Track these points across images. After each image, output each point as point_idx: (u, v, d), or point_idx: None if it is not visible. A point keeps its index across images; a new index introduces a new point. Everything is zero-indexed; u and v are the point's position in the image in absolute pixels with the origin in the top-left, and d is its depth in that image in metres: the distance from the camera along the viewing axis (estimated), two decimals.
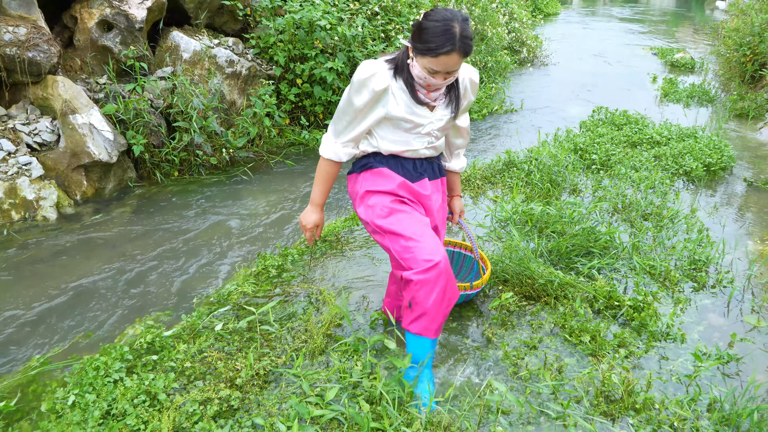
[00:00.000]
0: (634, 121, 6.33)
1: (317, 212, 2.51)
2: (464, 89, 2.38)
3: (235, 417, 2.35)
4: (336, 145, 2.37)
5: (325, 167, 2.41)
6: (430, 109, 2.32)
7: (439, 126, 2.37)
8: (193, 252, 3.87)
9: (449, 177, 2.75)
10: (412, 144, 2.37)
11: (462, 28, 2.05)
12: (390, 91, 2.23)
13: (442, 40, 2.02)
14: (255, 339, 2.86)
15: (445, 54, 2.04)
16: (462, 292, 2.95)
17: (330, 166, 2.41)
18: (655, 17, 18.51)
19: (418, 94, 2.25)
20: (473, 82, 2.39)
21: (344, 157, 2.39)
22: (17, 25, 4.48)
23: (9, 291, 3.41)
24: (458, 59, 2.08)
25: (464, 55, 2.08)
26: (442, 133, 2.44)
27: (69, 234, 4.08)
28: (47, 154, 4.50)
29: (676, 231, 4.02)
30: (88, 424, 2.22)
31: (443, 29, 2.03)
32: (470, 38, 2.09)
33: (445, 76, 2.14)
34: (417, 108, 2.28)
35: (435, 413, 2.33)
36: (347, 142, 2.36)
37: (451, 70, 2.12)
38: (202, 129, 5.03)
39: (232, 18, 6.17)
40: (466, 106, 2.45)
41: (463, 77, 2.36)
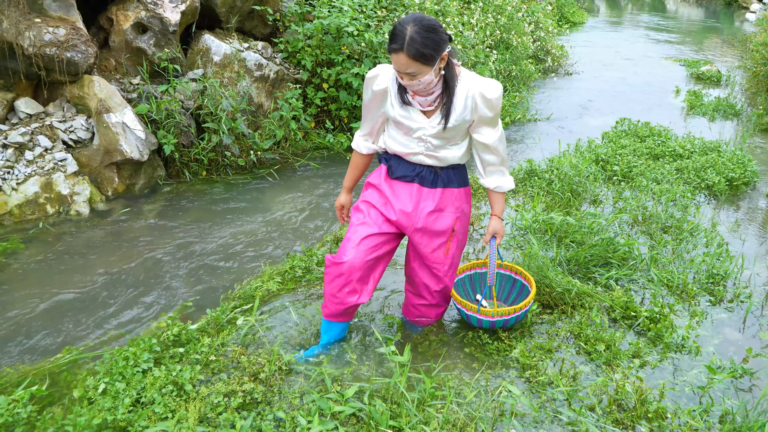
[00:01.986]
0: (657, 133, 6.33)
1: (344, 195, 2.89)
2: (473, 103, 2.40)
3: (257, 409, 2.44)
4: (358, 137, 2.75)
5: (352, 156, 2.81)
6: (427, 116, 2.45)
7: (432, 133, 2.46)
8: (218, 249, 3.98)
9: (488, 194, 2.77)
10: (411, 147, 2.54)
11: (415, 31, 2.17)
12: (389, 93, 2.47)
13: (392, 38, 2.20)
14: (269, 338, 2.96)
15: (394, 53, 2.21)
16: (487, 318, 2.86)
17: (354, 155, 2.80)
18: (683, 28, 18.38)
19: (406, 95, 2.42)
20: (485, 97, 2.38)
21: (363, 149, 2.73)
22: (57, 26, 4.65)
23: (42, 282, 3.55)
24: (407, 60, 2.20)
25: (412, 57, 2.18)
26: (441, 141, 2.50)
27: (100, 229, 4.22)
28: (81, 151, 4.65)
29: (695, 244, 4.04)
30: (119, 411, 2.32)
31: (396, 30, 2.20)
32: (418, 42, 2.16)
33: (408, 77, 2.26)
34: (411, 112, 2.45)
35: (451, 411, 2.41)
36: (365, 135, 2.72)
37: (404, 70, 2.24)
38: (230, 130, 5.15)
39: (262, 22, 6.30)
40: (482, 121, 2.46)
41: (471, 90, 2.38)
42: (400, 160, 2.63)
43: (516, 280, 3.19)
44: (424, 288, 2.85)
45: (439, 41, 2.22)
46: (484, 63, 7.43)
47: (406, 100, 2.44)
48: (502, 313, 2.84)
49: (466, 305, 2.86)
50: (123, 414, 2.32)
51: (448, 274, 2.82)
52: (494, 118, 2.45)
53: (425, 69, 2.24)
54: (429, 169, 2.60)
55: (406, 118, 2.47)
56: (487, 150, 2.56)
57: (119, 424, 2.29)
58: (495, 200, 2.74)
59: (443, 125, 2.42)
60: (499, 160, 2.60)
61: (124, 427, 2.30)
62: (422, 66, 2.22)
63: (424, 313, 2.98)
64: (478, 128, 2.49)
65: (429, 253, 2.73)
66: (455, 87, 2.39)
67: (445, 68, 2.34)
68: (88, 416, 2.30)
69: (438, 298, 2.91)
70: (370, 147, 2.74)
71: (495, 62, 8.10)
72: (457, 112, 2.41)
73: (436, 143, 2.50)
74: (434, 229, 2.67)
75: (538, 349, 2.92)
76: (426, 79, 2.27)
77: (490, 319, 2.85)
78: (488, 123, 2.47)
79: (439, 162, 2.57)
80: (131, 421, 2.31)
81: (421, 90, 2.34)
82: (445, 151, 2.54)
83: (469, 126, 2.49)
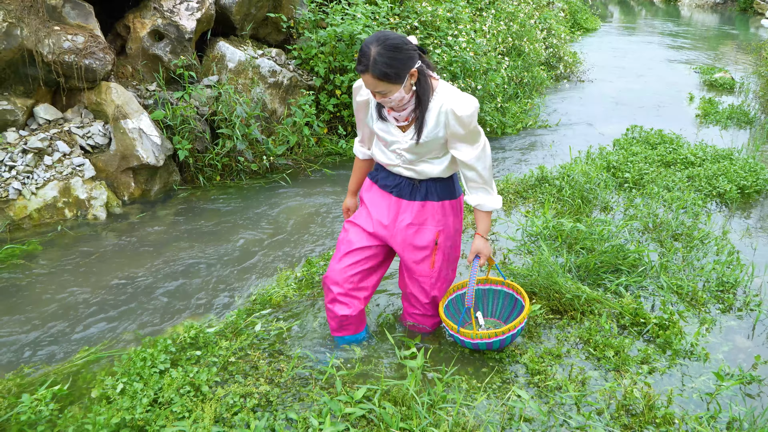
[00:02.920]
0: (668, 140, 6.34)
1: (349, 198, 3.01)
2: (445, 119, 2.38)
3: (271, 410, 2.49)
4: (356, 142, 2.86)
5: (354, 160, 2.92)
6: (403, 130, 2.48)
7: (405, 147, 2.48)
8: (234, 253, 4.04)
9: (474, 211, 2.71)
10: (390, 159, 2.58)
11: (378, 51, 2.18)
12: (370, 105, 2.54)
13: (358, 59, 2.24)
14: (288, 342, 3.01)
15: (361, 74, 2.25)
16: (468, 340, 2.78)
17: (355, 160, 2.91)
18: (697, 34, 18.32)
19: (383, 110, 2.48)
20: (455, 114, 2.34)
21: (359, 155, 2.85)
22: (75, 33, 4.75)
23: (60, 284, 3.62)
24: (373, 80, 2.23)
25: (377, 77, 2.21)
26: (415, 156, 2.50)
27: (117, 232, 4.30)
28: (99, 157, 4.74)
29: (706, 252, 4.06)
30: (137, 410, 2.39)
31: (361, 51, 2.23)
32: (380, 63, 2.18)
33: (379, 95, 2.30)
34: (388, 126, 2.49)
35: (461, 415, 2.45)
36: (360, 142, 2.83)
37: (373, 90, 2.28)
38: (244, 136, 5.23)
39: (276, 29, 6.38)
40: (456, 138, 2.42)
41: (444, 106, 2.36)
42: (386, 171, 2.70)
43: (517, 300, 3.06)
44: (413, 298, 2.88)
45: (404, 59, 2.22)
46: (495, 70, 7.47)
47: (383, 115, 2.49)
48: (482, 335, 2.74)
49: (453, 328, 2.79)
50: (141, 413, 2.38)
51: (436, 287, 2.82)
52: (469, 135, 2.41)
53: (393, 87, 2.25)
54: (408, 181, 2.62)
55: (384, 131, 2.52)
56: (465, 167, 2.52)
57: (137, 423, 2.35)
58: (478, 219, 2.67)
59: (415, 140, 2.43)
60: (479, 177, 2.53)
61: (142, 426, 2.36)
62: (389, 85, 2.24)
63: (419, 321, 3.00)
64: (454, 145, 2.46)
65: (414, 266, 2.74)
66: (428, 102, 2.37)
67: (417, 83, 2.34)
68: (107, 415, 2.36)
69: (429, 309, 2.93)
70: (365, 153, 2.84)
71: (507, 69, 8.14)
72: (429, 128, 2.40)
73: (410, 157, 2.51)
74: (415, 243, 2.67)
75: (547, 354, 2.95)
76: (396, 97, 2.29)
77: (471, 341, 2.77)
78: (463, 140, 2.43)
79: (417, 175, 2.57)
80: (149, 420, 2.37)
81: (395, 106, 2.37)
82: (423, 165, 2.54)
83: (445, 141, 2.47)
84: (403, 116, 2.42)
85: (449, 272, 2.87)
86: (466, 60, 6.60)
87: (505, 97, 7.89)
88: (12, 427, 2.39)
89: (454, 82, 6.55)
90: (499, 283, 3.10)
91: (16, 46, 4.40)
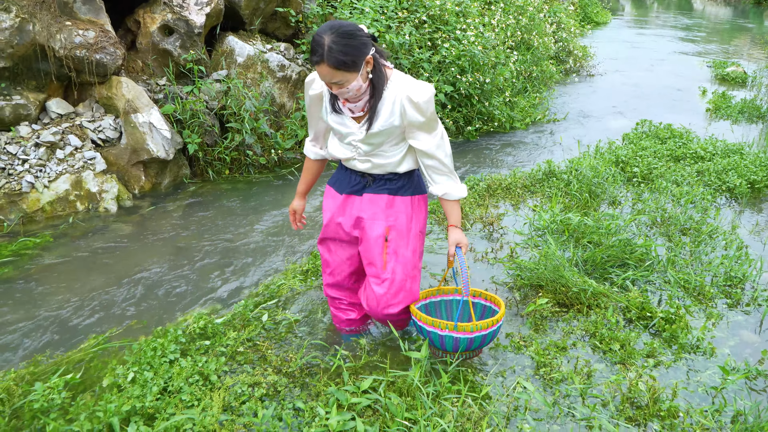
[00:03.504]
0: (678, 135, 6.32)
1: (296, 200, 2.87)
2: (401, 107, 2.32)
3: (278, 399, 2.53)
4: (307, 142, 2.75)
5: (305, 161, 2.82)
6: (357, 121, 2.41)
7: (360, 138, 2.41)
8: (242, 245, 4.08)
9: (441, 203, 2.61)
10: (345, 152, 2.52)
11: (332, 40, 2.09)
12: (324, 99, 2.45)
13: (312, 50, 2.14)
14: (296, 333, 3.05)
15: (316, 65, 2.15)
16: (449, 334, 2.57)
17: (306, 161, 2.80)
18: (710, 27, 18.17)
19: (338, 102, 2.40)
20: (411, 100, 2.28)
21: (311, 154, 2.75)
22: (87, 28, 4.79)
23: (72, 275, 3.68)
24: (329, 70, 2.13)
25: (334, 66, 2.12)
26: (370, 147, 2.43)
27: (128, 225, 4.36)
28: (110, 150, 4.79)
29: (714, 247, 4.05)
30: (147, 399, 2.42)
31: (314, 41, 2.14)
32: (336, 51, 2.09)
33: (336, 86, 2.21)
34: (343, 118, 2.42)
35: (466, 406, 2.47)
36: (312, 141, 2.72)
37: (330, 80, 2.18)
38: (253, 130, 5.27)
39: (285, 24, 6.41)
40: (414, 126, 2.36)
41: (399, 94, 2.31)
42: (343, 172, 2.63)
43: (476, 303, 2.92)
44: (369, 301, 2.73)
45: (359, 45, 2.15)
46: (504, 64, 7.46)
47: (337, 108, 2.40)
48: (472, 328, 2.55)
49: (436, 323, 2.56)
50: (151, 402, 2.42)
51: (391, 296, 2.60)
52: (428, 123, 2.35)
53: (350, 76, 2.18)
54: (359, 176, 2.57)
55: (339, 124, 2.44)
56: (426, 156, 2.44)
57: (147, 411, 2.39)
58: (448, 209, 2.57)
59: (366, 129, 2.37)
60: (441, 165, 2.46)
61: (152, 414, 2.40)
62: (346, 74, 2.16)
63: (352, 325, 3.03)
64: (412, 134, 2.40)
65: (366, 262, 2.63)
66: (383, 90, 2.31)
67: (373, 71, 2.27)
68: (118, 403, 2.40)
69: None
70: (318, 152, 2.72)
71: (515, 63, 8.13)
72: (383, 117, 2.34)
73: (365, 149, 2.44)
74: (365, 236, 2.59)
75: (552, 347, 2.97)
76: (354, 86, 2.21)
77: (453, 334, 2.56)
78: (421, 128, 2.37)
79: (373, 167, 2.50)
80: (159, 408, 2.41)
81: (352, 96, 2.28)
82: (378, 158, 2.47)
83: (401, 131, 2.41)
84: (359, 107, 2.34)
85: (408, 282, 2.60)
86: (474, 54, 6.59)
87: (514, 92, 7.88)
88: (26, 414, 2.44)
89: (463, 75, 6.55)
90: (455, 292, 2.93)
91: (29, 41, 4.45)
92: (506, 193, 4.97)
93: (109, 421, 2.31)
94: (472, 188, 5.01)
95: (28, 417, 2.43)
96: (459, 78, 6.51)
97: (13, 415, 2.45)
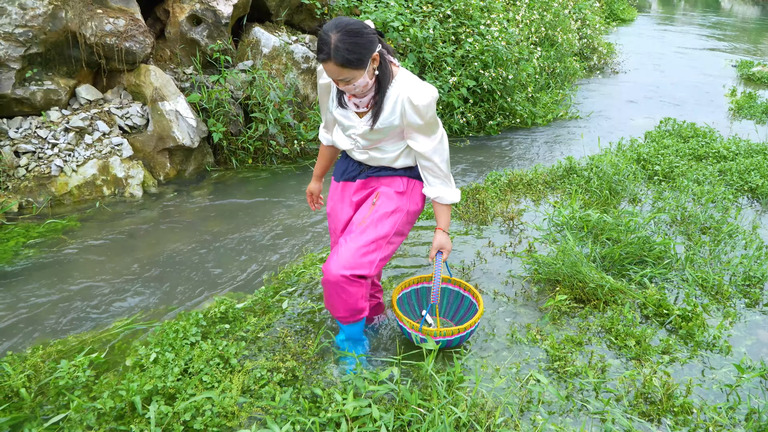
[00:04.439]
0: (701, 134, 6.27)
1: (313, 182, 2.93)
2: (401, 108, 2.32)
3: (297, 385, 2.59)
4: (321, 128, 2.79)
5: (320, 145, 2.84)
6: (360, 116, 2.43)
7: (360, 133, 2.44)
8: (263, 233, 4.15)
9: (433, 206, 2.61)
10: (346, 143, 2.56)
11: (338, 38, 2.10)
12: (331, 90, 2.49)
13: (318, 48, 2.16)
14: (316, 321, 3.10)
15: (323, 62, 2.16)
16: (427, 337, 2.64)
17: (321, 145, 2.83)
18: (737, 26, 17.88)
19: (343, 96, 2.43)
20: (412, 103, 2.28)
21: (324, 140, 2.79)
22: (117, 17, 4.88)
23: (99, 258, 3.77)
24: (336, 68, 2.15)
25: (340, 64, 2.13)
26: (368, 142, 2.46)
27: (152, 210, 4.45)
28: (136, 137, 4.89)
29: (734, 246, 4.03)
30: (168, 379, 2.50)
31: (320, 39, 2.14)
32: (342, 49, 2.11)
33: (343, 83, 2.22)
34: (346, 111, 2.45)
35: (480, 395, 2.51)
36: (323, 128, 2.77)
37: (337, 78, 2.19)
38: (276, 120, 5.33)
39: (310, 16, 6.45)
40: (412, 128, 2.37)
41: (401, 95, 2.31)
42: (343, 160, 2.69)
43: (464, 296, 3.04)
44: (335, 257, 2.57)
45: (366, 44, 2.16)
46: (527, 59, 7.44)
47: (343, 103, 2.44)
48: (445, 333, 2.67)
49: (407, 323, 2.68)
50: (172, 382, 2.50)
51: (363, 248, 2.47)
52: (426, 126, 2.35)
53: (357, 73, 2.19)
54: (356, 164, 2.61)
55: (342, 116, 2.47)
56: (422, 158, 2.45)
57: (168, 391, 2.47)
58: (438, 212, 2.57)
59: (370, 126, 2.38)
60: (437, 169, 2.47)
61: (173, 393, 2.47)
62: (353, 71, 2.17)
63: None
64: (410, 135, 2.41)
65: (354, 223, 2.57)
66: (387, 88, 2.33)
67: (379, 68, 2.28)
68: (140, 382, 2.48)
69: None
70: (328, 139, 2.75)
71: (539, 59, 8.10)
72: (385, 115, 2.35)
73: (363, 143, 2.48)
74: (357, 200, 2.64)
75: (568, 341, 2.99)
76: (360, 83, 2.23)
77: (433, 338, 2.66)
78: (420, 131, 2.37)
79: (370, 160, 2.53)
80: (179, 388, 2.48)
81: (359, 92, 2.30)
82: (375, 152, 2.50)
83: (400, 131, 2.42)
84: (364, 102, 2.37)
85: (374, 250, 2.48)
86: (497, 49, 6.59)
87: (537, 88, 7.86)
88: (51, 390, 2.53)
89: (486, 70, 6.55)
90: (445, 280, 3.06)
91: (61, 28, 4.55)
92: (527, 188, 4.99)
93: (132, 400, 2.39)
94: (494, 183, 5.03)
95: (53, 393, 2.52)
96: (482, 73, 6.52)
97: (39, 391, 2.55)
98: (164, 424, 2.29)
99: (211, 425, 2.32)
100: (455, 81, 6.27)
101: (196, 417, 2.33)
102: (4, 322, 3.11)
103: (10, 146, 4.38)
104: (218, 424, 2.34)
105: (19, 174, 4.34)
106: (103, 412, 2.37)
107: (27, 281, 3.49)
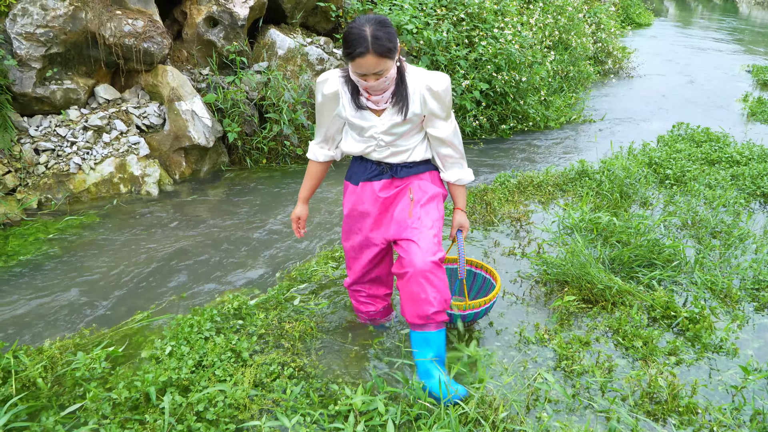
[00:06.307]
0: (714, 138, 6.26)
1: (299, 206, 2.84)
2: (421, 97, 2.39)
3: (308, 380, 2.65)
4: (313, 145, 2.72)
5: (308, 165, 2.78)
6: (377, 114, 2.45)
7: (383, 130, 2.46)
8: (277, 231, 4.22)
9: (449, 188, 2.74)
10: (363, 146, 2.56)
11: (374, 29, 2.16)
12: (340, 96, 2.47)
13: (355, 44, 2.18)
14: (327, 319, 3.16)
15: (360, 57, 2.18)
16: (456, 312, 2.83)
17: (310, 165, 2.77)
18: (755, 32, 17.75)
19: (360, 98, 2.43)
20: (432, 90, 2.37)
21: (320, 157, 2.71)
22: (136, 18, 4.98)
23: (116, 255, 3.86)
24: (375, 60, 2.18)
25: (379, 55, 2.17)
26: (391, 137, 2.48)
27: (168, 208, 4.53)
28: (153, 136, 4.98)
29: (744, 250, 4.04)
30: (183, 371, 2.56)
31: (356, 34, 2.17)
32: (383, 39, 2.16)
33: (375, 77, 2.25)
34: (362, 112, 2.46)
35: (487, 392, 2.55)
36: (320, 143, 2.69)
37: (373, 71, 2.22)
38: (290, 121, 5.41)
39: (325, 18, 6.53)
40: (433, 115, 2.45)
41: (418, 84, 2.38)
42: (362, 160, 2.65)
43: (477, 274, 3.23)
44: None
45: (395, 33, 2.23)
46: (541, 63, 7.46)
47: (362, 104, 2.44)
48: (473, 305, 2.83)
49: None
50: (186, 374, 2.56)
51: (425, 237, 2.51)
52: (446, 111, 2.45)
53: (390, 64, 2.25)
54: (375, 164, 2.61)
55: (358, 119, 2.47)
56: (442, 144, 2.55)
57: (182, 382, 2.53)
58: (457, 194, 2.72)
59: (402, 117, 2.41)
60: (456, 152, 2.60)
61: (187, 385, 2.53)
62: (389, 61, 2.23)
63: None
64: (431, 122, 2.48)
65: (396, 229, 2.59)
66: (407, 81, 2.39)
67: (398, 60, 2.35)
68: (156, 374, 2.55)
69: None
70: (327, 154, 2.71)
71: (552, 63, 8.12)
72: (414, 105, 2.41)
73: (388, 139, 2.49)
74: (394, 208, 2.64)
75: (576, 341, 3.02)
76: (392, 74, 2.28)
77: (461, 312, 2.83)
78: (440, 116, 2.46)
79: (391, 156, 2.55)
80: (193, 380, 2.54)
81: (386, 86, 2.32)
82: (397, 147, 2.53)
83: (421, 121, 2.48)
84: (384, 98, 2.39)
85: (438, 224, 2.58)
86: (511, 53, 6.62)
87: (550, 91, 7.88)
88: (67, 381, 2.60)
89: (499, 73, 6.59)
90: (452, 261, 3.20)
91: (81, 28, 4.65)
92: (537, 190, 5.01)
93: (146, 390, 2.45)
94: (503, 184, 5.06)
95: (69, 384, 2.59)
96: (495, 76, 6.55)
97: (56, 381, 2.62)
98: (178, 414, 2.35)
99: (223, 416, 2.38)
100: (468, 84, 6.31)
101: (209, 408, 2.39)
102: (22, 315, 3.20)
103: (30, 144, 4.49)
104: (230, 415, 2.40)
105: (39, 171, 4.44)
106: (119, 402, 2.43)
107: (46, 276, 3.58)
